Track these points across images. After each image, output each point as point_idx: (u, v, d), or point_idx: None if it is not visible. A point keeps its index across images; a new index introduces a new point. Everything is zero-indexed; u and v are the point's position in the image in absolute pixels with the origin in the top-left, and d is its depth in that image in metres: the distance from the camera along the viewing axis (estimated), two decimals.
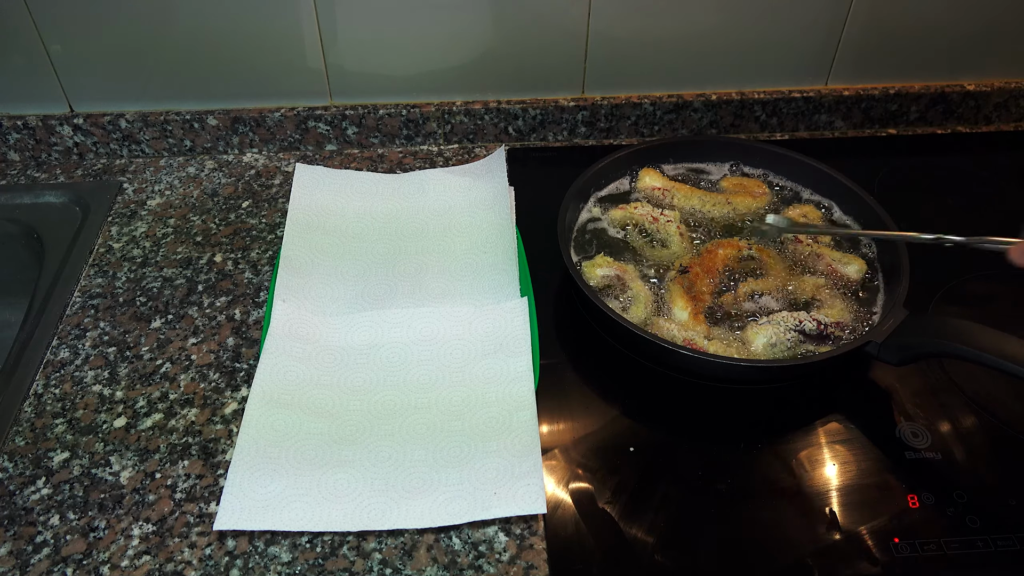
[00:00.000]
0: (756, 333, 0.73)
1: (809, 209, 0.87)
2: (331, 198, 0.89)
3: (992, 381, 0.72)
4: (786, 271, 0.81)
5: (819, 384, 0.74)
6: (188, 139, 0.98)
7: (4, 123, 0.94)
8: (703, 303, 0.76)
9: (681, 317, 0.75)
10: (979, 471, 0.66)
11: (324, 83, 0.96)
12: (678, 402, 0.72)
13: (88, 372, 0.74)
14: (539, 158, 1.00)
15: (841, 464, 0.67)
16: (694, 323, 0.74)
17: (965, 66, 1.02)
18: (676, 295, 0.77)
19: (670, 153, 0.93)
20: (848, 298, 0.78)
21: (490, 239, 0.85)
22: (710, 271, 0.79)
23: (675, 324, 0.74)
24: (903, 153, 1.02)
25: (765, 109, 1.01)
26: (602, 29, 0.93)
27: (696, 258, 0.81)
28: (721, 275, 0.80)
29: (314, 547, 0.61)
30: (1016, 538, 0.61)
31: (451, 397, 0.70)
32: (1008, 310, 0.81)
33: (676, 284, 0.78)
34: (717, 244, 0.82)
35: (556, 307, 0.81)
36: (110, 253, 0.86)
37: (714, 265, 0.80)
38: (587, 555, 0.60)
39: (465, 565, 0.60)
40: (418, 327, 0.76)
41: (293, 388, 0.70)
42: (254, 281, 0.83)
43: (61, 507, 0.63)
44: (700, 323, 0.75)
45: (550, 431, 0.69)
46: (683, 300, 0.76)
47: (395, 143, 1.01)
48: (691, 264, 0.80)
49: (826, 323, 0.73)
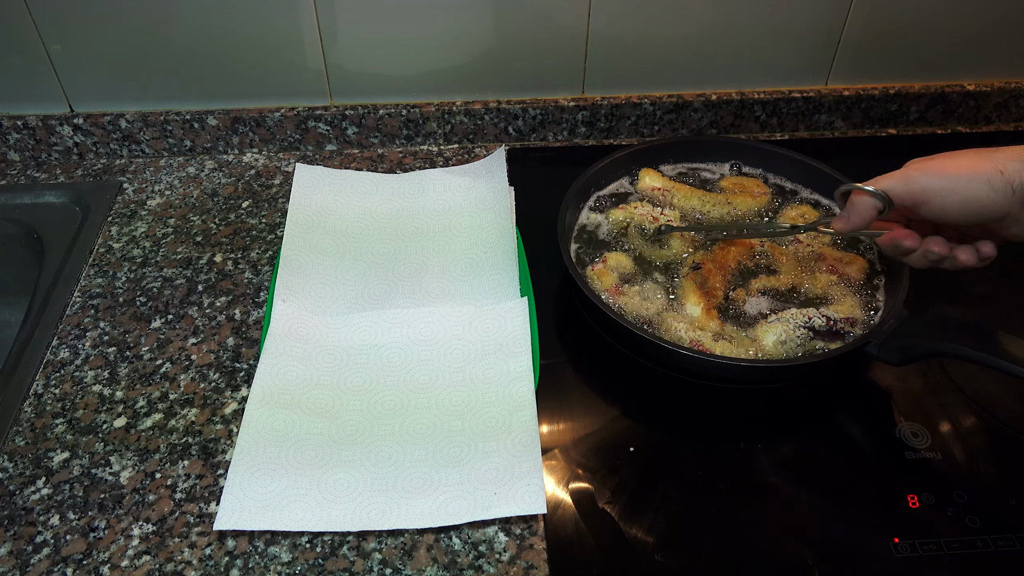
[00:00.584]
0: (766, 331, 0.73)
1: (806, 209, 0.87)
2: (331, 198, 0.89)
3: (992, 381, 0.72)
4: (798, 268, 0.81)
5: (819, 384, 0.74)
6: (188, 139, 0.98)
7: (4, 123, 0.94)
8: (715, 299, 0.77)
9: (694, 313, 0.75)
10: (979, 471, 0.66)
11: (324, 83, 0.96)
12: (678, 402, 0.72)
13: (88, 372, 0.74)
14: (539, 158, 1.00)
15: (841, 464, 0.67)
16: (707, 319, 0.75)
17: (965, 66, 1.02)
18: (689, 291, 0.77)
19: (670, 153, 0.93)
20: (858, 294, 0.78)
21: (490, 239, 0.85)
22: (723, 268, 0.80)
23: (685, 322, 0.74)
24: (903, 153, 1.01)
25: (765, 109, 1.01)
26: (602, 29, 0.93)
27: (708, 255, 0.82)
28: (734, 272, 0.80)
29: (314, 547, 0.61)
30: (1016, 538, 0.61)
31: (451, 397, 0.70)
32: (1008, 310, 0.81)
33: (689, 280, 0.78)
34: (729, 242, 0.83)
35: (556, 307, 0.81)
36: (110, 253, 0.86)
37: (727, 262, 0.80)
38: (587, 555, 0.60)
39: (465, 565, 0.60)
40: (418, 327, 0.76)
41: (293, 388, 0.70)
42: (254, 281, 0.83)
43: (61, 507, 0.63)
44: (713, 318, 0.75)
45: (550, 431, 0.69)
46: (696, 296, 0.76)
47: (395, 143, 1.01)
48: (704, 261, 0.80)
49: (835, 319, 0.73)
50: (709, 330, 0.74)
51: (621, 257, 0.81)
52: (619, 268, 0.80)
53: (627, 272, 0.80)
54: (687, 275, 0.79)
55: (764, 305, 0.77)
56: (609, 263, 0.80)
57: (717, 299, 0.77)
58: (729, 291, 0.78)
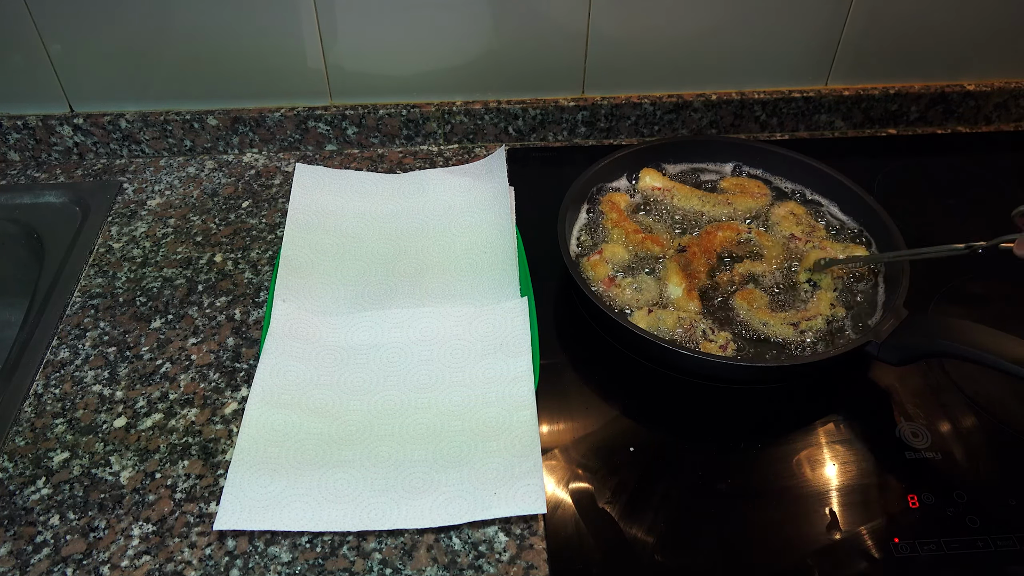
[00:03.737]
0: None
1: (793, 206, 0.87)
2: (331, 198, 0.89)
3: (992, 381, 0.72)
4: (784, 255, 0.82)
5: (819, 384, 0.74)
6: (188, 139, 0.98)
7: (4, 123, 0.94)
8: (698, 281, 0.78)
9: (675, 293, 0.77)
10: (979, 471, 0.66)
11: (324, 83, 0.96)
12: (678, 402, 0.72)
13: (88, 372, 0.74)
14: (539, 158, 1.00)
15: (841, 464, 0.67)
16: (687, 299, 0.76)
17: (965, 66, 1.02)
18: (672, 272, 0.78)
19: (670, 153, 0.93)
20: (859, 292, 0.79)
21: (490, 239, 0.85)
22: (707, 251, 0.81)
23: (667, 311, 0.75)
24: (903, 153, 1.02)
25: (765, 109, 1.01)
26: (602, 29, 0.93)
27: (695, 238, 0.83)
28: (719, 256, 0.81)
29: (314, 547, 0.61)
30: (1016, 538, 0.61)
31: (451, 397, 0.70)
32: (1008, 310, 0.81)
33: (673, 262, 0.79)
34: (716, 226, 0.84)
35: (556, 307, 0.81)
36: (110, 253, 0.86)
37: (712, 246, 0.81)
38: (587, 555, 0.60)
39: (465, 565, 0.60)
40: (418, 327, 0.76)
41: (293, 388, 0.70)
42: (254, 281, 0.83)
43: (61, 507, 0.63)
44: (693, 299, 0.76)
45: (550, 431, 0.69)
46: (678, 277, 0.78)
47: (395, 143, 1.01)
48: (689, 244, 0.81)
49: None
50: (689, 312, 0.74)
51: (617, 248, 0.81)
52: (614, 260, 0.80)
53: (622, 264, 0.80)
54: (672, 257, 0.80)
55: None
56: (604, 254, 0.80)
57: (700, 281, 0.78)
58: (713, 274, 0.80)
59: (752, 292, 0.77)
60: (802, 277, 0.79)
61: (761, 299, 0.77)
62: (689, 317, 0.74)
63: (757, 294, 0.77)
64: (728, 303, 0.78)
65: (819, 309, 0.75)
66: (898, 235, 0.79)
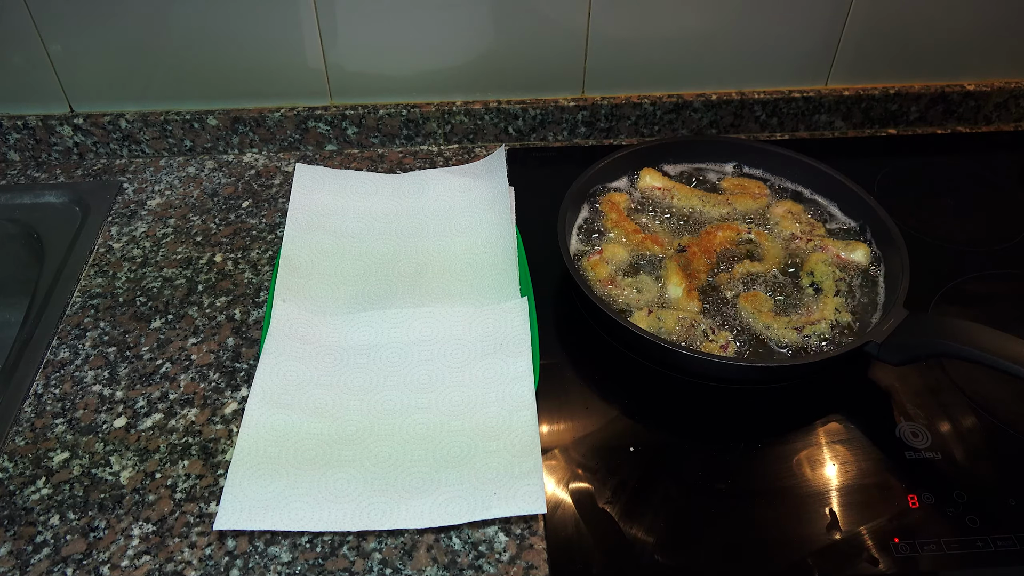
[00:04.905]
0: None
1: (791, 204, 0.87)
2: (331, 198, 0.89)
3: (992, 381, 0.72)
4: (784, 256, 0.82)
5: (819, 384, 0.74)
6: (188, 139, 0.98)
7: (4, 123, 0.94)
8: (698, 281, 0.78)
9: (675, 293, 0.77)
10: (979, 471, 0.66)
11: (324, 83, 0.96)
12: (678, 402, 0.72)
13: (88, 372, 0.74)
14: (539, 158, 1.00)
15: (841, 464, 0.67)
16: (687, 299, 0.76)
17: (965, 66, 1.02)
18: (672, 272, 0.78)
19: (670, 153, 0.93)
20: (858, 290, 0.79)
21: (490, 239, 0.85)
22: (707, 251, 0.81)
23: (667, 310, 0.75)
24: (903, 153, 1.02)
25: (765, 109, 1.01)
26: (602, 29, 0.93)
27: (695, 238, 0.83)
28: (718, 256, 0.81)
29: (314, 547, 0.61)
30: (1016, 538, 0.61)
31: (451, 397, 0.70)
32: (1008, 310, 0.81)
33: (672, 262, 0.80)
34: (716, 226, 0.84)
35: (556, 307, 0.81)
36: (110, 253, 0.86)
37: (711, 246, 0.82)
38: (587, 555, 0.60)
39: (465, 565, 0.60)
40: (418, 327, 0.76)
41: (293, 388, 0.70)
42: (254, 281, 0.83)
43: (61, 507, 0.63)
44: (693, 299, 0.76)
45: (550, 431, 0.69)
46: (678, 277, 0.78)
47: (395, 143, 1.01)
48: (689, 244, 0.81)
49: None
50: (689, 312, 0.74)
51: (617, 248, 0.81)
52: (614, 260, 0.80)
53: (622, 264, 0.80)
54: (672, 257, 0.80)
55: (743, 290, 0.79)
56: (605, 254, 0.80)
57: (700, 281, 0.78)
58: (713, 274, 0.80)
59: (757, 295, 0.77)
60: (805, 282, 0.79)
61: (766, 302, 0.76)
62: (689, 317, 0.74)
63: (762, 297, 0.77)
64: (729, 303, 0.78)
65: (823, 314, 0.75)
66: (898, 235, 0.79)
